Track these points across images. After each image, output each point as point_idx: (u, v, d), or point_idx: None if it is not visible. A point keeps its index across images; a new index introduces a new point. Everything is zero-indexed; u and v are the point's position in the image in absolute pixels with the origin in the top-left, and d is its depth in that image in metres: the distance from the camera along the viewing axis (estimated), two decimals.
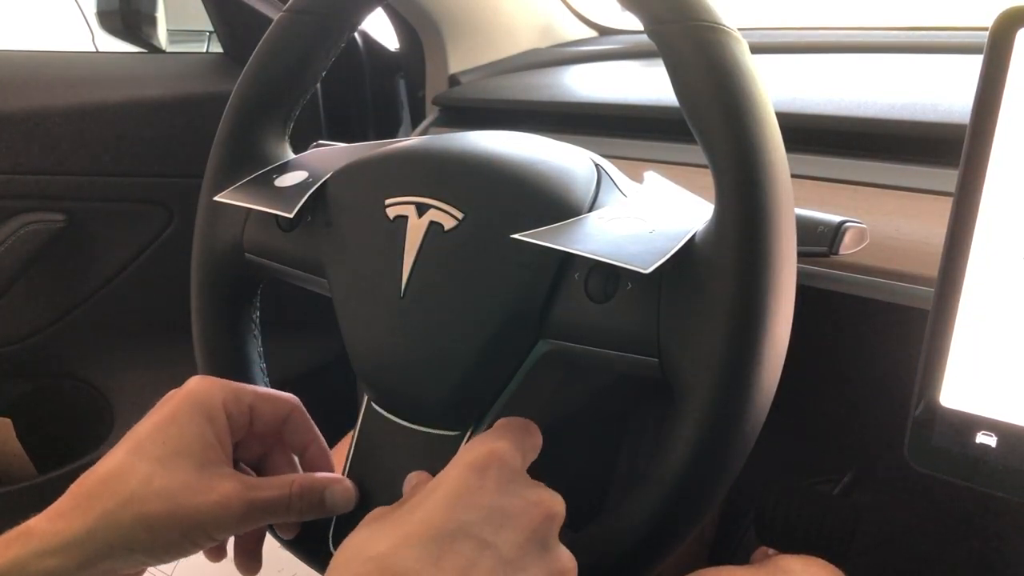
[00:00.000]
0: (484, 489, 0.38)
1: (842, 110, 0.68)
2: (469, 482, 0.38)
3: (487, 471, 0.39)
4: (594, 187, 0.50)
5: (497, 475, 0.39)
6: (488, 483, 0.38)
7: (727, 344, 0.41)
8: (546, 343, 0.47)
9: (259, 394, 0.47)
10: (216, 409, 0.44)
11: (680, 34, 0.42)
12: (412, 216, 0.49)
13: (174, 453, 0.42)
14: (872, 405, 0.66)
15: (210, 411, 0.44)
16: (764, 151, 0.41)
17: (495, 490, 0.38)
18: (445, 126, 0.99)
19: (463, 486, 0.38)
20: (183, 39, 1.60)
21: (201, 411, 0.44)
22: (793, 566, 0.54)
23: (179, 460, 0.42)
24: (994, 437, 0.42)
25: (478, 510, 0.37)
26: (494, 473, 0.39)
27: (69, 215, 1.03)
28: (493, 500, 0.38)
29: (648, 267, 0.41)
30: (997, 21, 0.41)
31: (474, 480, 0.38)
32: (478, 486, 0.38)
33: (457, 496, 0.37)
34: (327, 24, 0.56)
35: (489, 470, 0.39)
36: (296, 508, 0.45)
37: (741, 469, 0.44)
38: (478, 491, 0.38)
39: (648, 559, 0.44)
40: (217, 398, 0.45)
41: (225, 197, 0.56)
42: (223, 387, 0.45)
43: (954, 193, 0.43)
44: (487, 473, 0.39)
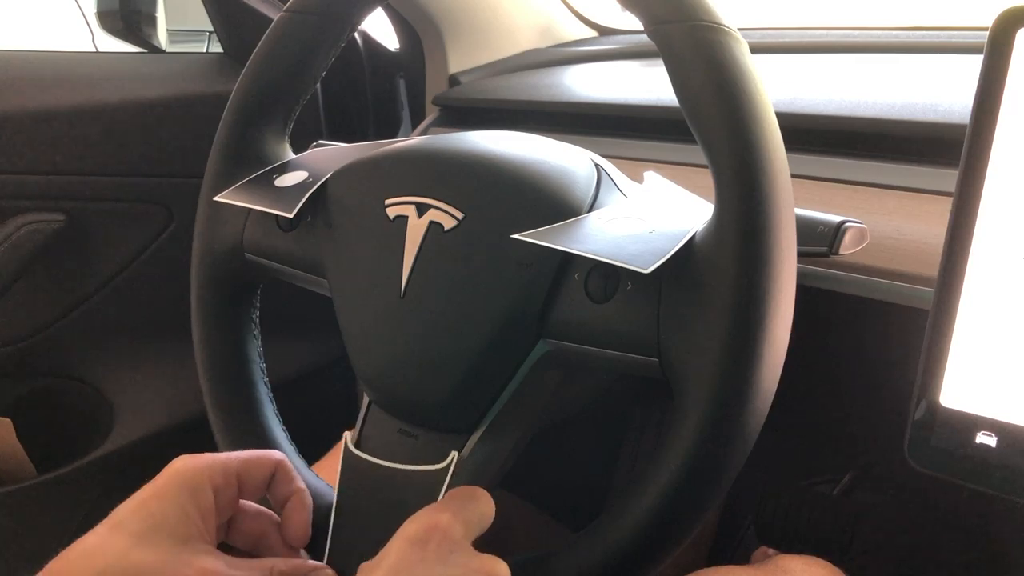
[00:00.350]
0: (424, 562, 0.39)
1: (842, 110, 0.68)
2: (410, 556, 0.39)
3: (427, 544, 0.40)
4: (594, 187, 0.50)
5: (437, 548, 0.40)
6: (428, 555, 0.39)
7: (727, 344, 0.41)
8: (546, 343, 0.47)
9: (244, 460, 0.46)
10: (201, 485, 0.43)
11: (680, 34, 0.42)
12: (412, 216, 0.49)
13: (152, 529, 0.40)
14: (872, 405, 0.66)
15: (195, 487, 0.43)
16: (764, 151, 0.41)
17: (435, 562, 0.39)
18: (445, 126, 0.99)
19: (403, 560, 0.39)
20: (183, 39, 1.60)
21: (185, 487, 0.42)
22: (793, 566, 0.54)
23: (157, 536, 0.40)
24: (994, 437, 0.42)
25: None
26: (434, 546, 0.40)
27: (69, 215, 1.03)
28: (433, 572, 0.39)
29: (648, 267, 0.41)
30: (997, 21, 0.41)
31: (414, 554, 0.39)
32: (419, 559, 0.39)
33: (397, 572, 0.38)
34: (327, 24, 0.56)
35: (429, 543, 0.40)
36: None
37: (741, 469, 0.44)
38: (419, 564, 0.39)
39: (648, 559, 0.44)
40: (203, 474, 0.43)
41: (225, 197, 0.56)
42: (210, 462, 0.44)
43: (954, 193, 0.43)
44: (427, 546, 0.40)
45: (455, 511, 0.42)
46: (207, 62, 1.15)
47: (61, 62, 1.08)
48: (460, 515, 0.42)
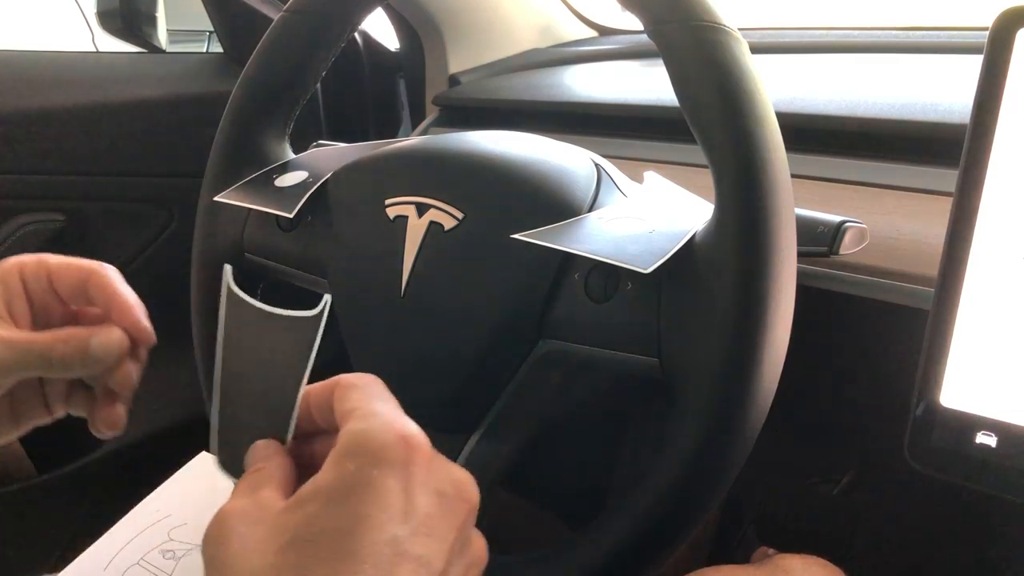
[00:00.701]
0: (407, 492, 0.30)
1: (842, 110, 0.68)
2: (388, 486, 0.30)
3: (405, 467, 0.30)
4: (594, 187, 0.50)
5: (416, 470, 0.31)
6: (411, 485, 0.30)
7: (727, 344, 0.41)
8: (546, 343, 0.47)
9: (62, 261, 0.46)
10: (9, 273, 0.44)
11: (680, 34, 0.42)
12: (412, 216, 0.49)
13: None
14: (872, 405, 0.66)
15: (2, 275, 0.44)
16: (764, 151, 0.41)
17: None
18: (445, 126, 0.99)
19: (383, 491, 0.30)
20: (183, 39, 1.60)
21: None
22: (793, 565, 0.53)
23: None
24: (994, 437, 0.42)
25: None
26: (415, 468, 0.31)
27: (69, 215, 1.03)
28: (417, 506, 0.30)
29: (648, 267, 0.41)
30: (997, 21, 0.41)
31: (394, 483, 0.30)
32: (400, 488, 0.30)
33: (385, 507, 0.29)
34: (327, 24, 0.56)
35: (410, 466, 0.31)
36: (60, 354, 0.42)
37: (741, 469, 0.44)
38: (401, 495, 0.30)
39: (648, 558, 0.44)
40: (13, 264, 0.45)
41: (225, 197, 0.56)
42: (25, 258, 0.45)
43: (954, 193, 0.43)
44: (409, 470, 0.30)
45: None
46: (207, 62, 1.15)
47: (61, 62, 1.08)
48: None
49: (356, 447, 0.30)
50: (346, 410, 0.33)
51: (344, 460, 0.30)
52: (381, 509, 0.29)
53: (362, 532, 0.28)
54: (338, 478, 0.29)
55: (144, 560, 0.53)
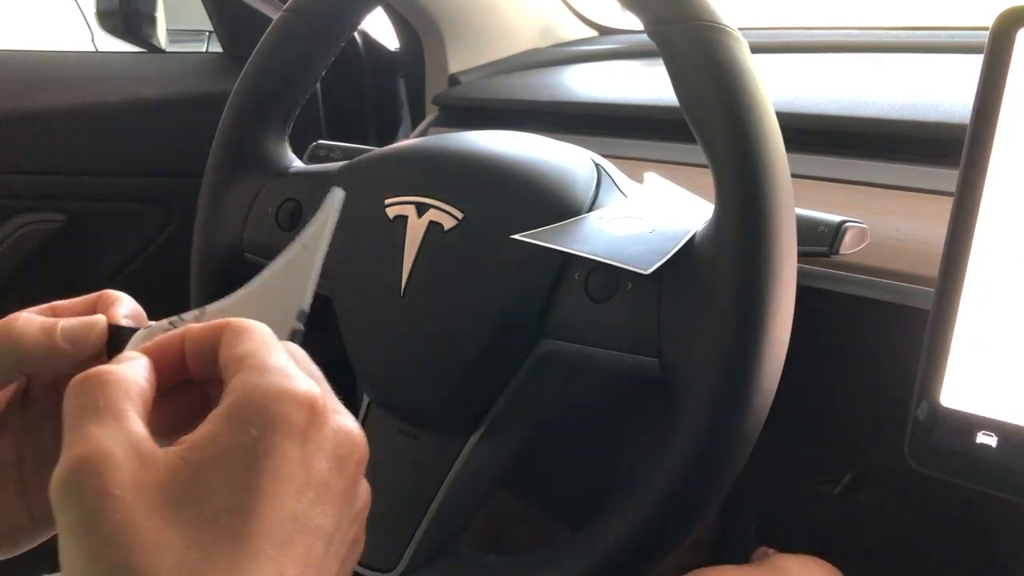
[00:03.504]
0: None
1: (842, 110, 0.68)
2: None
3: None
4: (594, 187, 0.50)
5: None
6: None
7: (727, 344, 0.41)
8: (546, 343, 0.47)
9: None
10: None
11: (680, 34, 0.42)
12: (412, 216, 0.49)
13: None
14: (872, 405, 0.66)
15: None
16: (764, 151, 0.41)
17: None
18: (445, 126, 0.99)
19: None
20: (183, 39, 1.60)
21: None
22: (790, 565, 0.53)
23: None
24: (994, 437, 0.42)
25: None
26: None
27: (69, 215, 1.03)
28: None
29: (648, 268, 0.41)
30: (997, 21, 0.41)
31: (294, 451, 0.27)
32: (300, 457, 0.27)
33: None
34: (327, 24, 0.56)
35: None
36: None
37: (741, 469, 0.44)
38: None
39: (648, 558, 0.44)
40: None
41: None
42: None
43: (954, 193, 0.43)
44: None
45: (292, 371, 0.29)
46: (207, 62, 1.15)
47: (61, 62, 1.08)
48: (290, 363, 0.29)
49: (256, 407, 0.27)
50: (236, 356, 0.29)
51: (243, 421, 0.26)
52: (283, 482, 0.26)
53: (264, 510, 0.25)
54: (238, 444, 0.26)
55: None
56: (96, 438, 0.25)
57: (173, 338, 0.31)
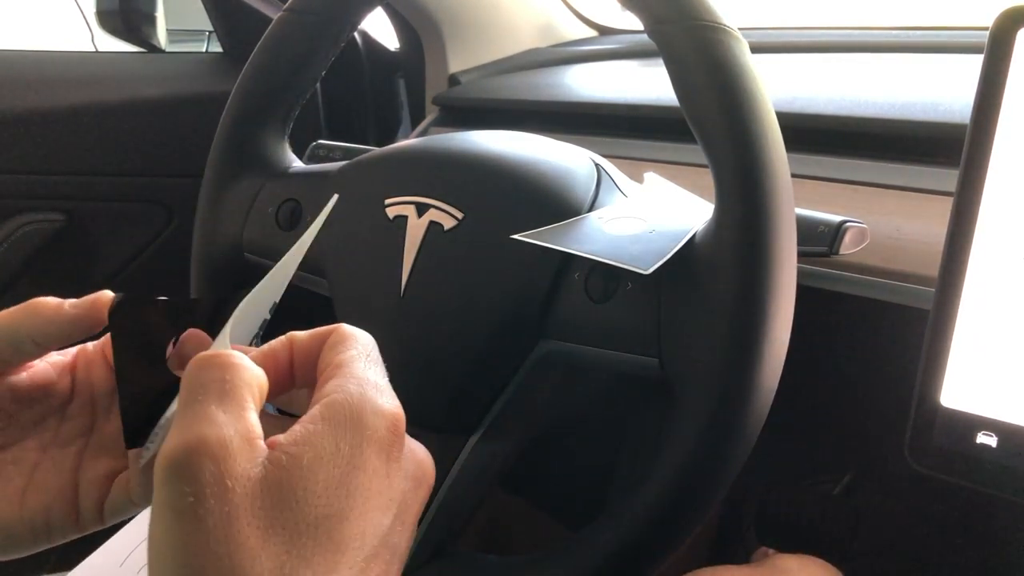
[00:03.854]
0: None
1: (842, 110, 0.68)
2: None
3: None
4: (594, 187, 0.50)
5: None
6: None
7: (727, 344, 0.41)
8: (546, 343, 0.47)
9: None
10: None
11: (681, 34, 0.42)
12: (412, 216, 0.49)
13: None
14: (872, 405, 0.66)
15: None
16: (764, 151, 0.41)
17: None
18: (445, 126, 0.99)
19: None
20: (183, 39, 1.60)
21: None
22: (790, 565, 0.54)
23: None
24: (994, 437, 0.42)
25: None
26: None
27: (69, 215, 1.03)
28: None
29: (648, 268, 0.41)
30: (997, 21, 0.41)
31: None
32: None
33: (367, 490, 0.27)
34: (327, 24, 0.56)
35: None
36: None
37: (741, 469, 0.44)
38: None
39: (648, 559, 0.44)
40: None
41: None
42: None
43: (954, 193, 0.43)
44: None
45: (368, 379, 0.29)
46: (207, 62, 1.15)
47: (61, 62, 1.08)
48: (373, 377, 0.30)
49: (349, 415, 0.27)
50: (336, 362, 0.29)
51: (338, 426, 0.27)
52: (372, 496, 0.26)
53: (358, 522, 0.26)
54: (335, 449, 0.26)
55: None
56: (219, 423, 0.25)
57: (282, 345, 0.32)
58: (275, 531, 0.24)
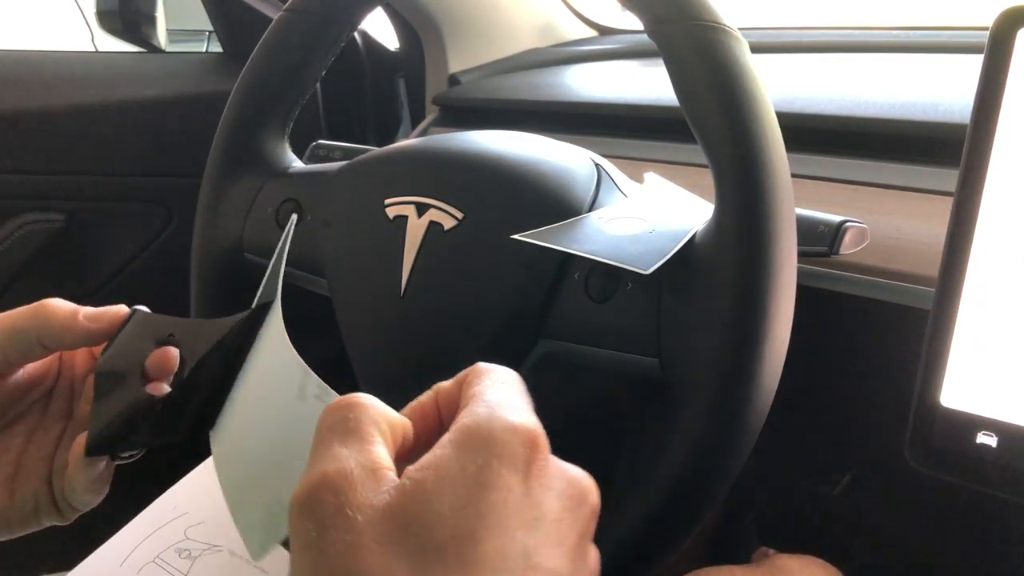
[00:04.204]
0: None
1: (842, 110, 0.68)
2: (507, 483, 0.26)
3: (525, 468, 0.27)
4: (594, 187, 0.50)
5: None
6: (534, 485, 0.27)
7: (727, 344, 0.41)
8: (546, 343, 0.47)
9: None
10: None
11: (681, 34, 0.42)
12: (412, 216, 0.49)
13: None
14: (872, 405, 0.66)
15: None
16: (764, 151, 0.41)
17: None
18: (445, 126, 0.99)
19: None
20: (183, 39, 1.60)
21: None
22: (790, 565, 0.53)
23: None
24: (994, 437, 0.42)
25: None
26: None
27: (69, 215, 1.03)
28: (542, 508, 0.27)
29: (648, 268, 0.41)
30: (997, 21, 0.41)
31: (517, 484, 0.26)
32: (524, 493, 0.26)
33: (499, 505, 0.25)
34: (327, 24, 0.56)
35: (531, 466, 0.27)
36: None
37: (741, 469, 0.44)
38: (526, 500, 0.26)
39: (648, 559, 0.44)
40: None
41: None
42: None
43: (954, 193, 0.43)
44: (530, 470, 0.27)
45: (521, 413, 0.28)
46: (207, 62, 1.15)
47: (61, 62, 1.08)
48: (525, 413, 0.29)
49: (479, 436, 0.26)
50: (470, 394, 0.29)
51: (467, 448, 0.26)
52: (510, 515, 0.25)
53: (493, 542, 0.24)
54: (461, 469, 0.25)
55: (160, 558, 0.53)
56: (340, 458, 0.26)
57: (428, 397, 0.32)
58: (402, 556, 0.24)
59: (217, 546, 0.33)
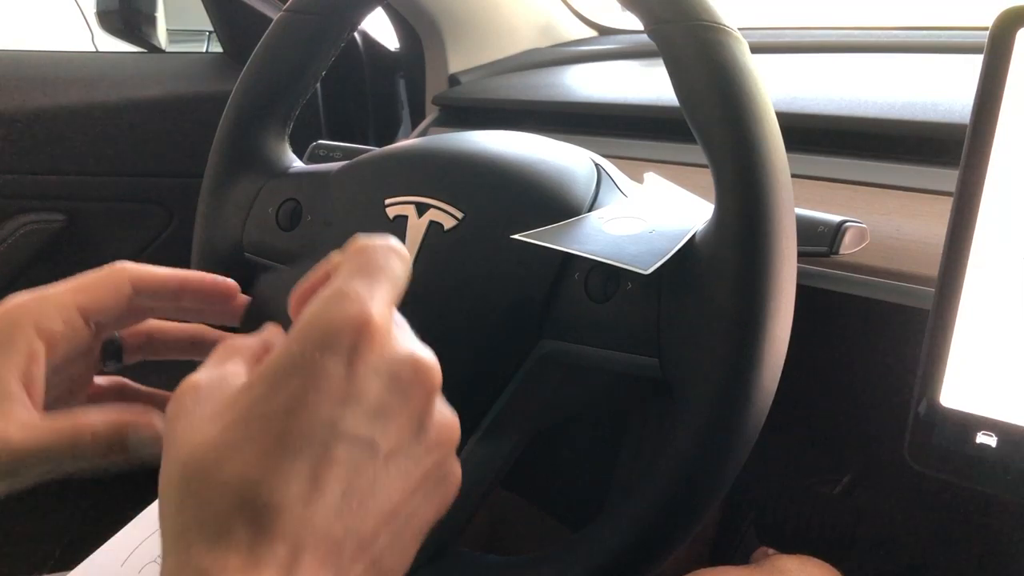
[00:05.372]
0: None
1: (842, 110, 0.68)
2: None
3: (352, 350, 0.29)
4: (594, 187, 0.50)
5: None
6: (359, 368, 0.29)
7: (727, 344, 0.41)
8: (546, 343, 0.47)
9: (82, 289, 0.43)
10: (19, 331, 0.40)
11: (680, 34, 0.42)
12: (412, 216, 0.49)
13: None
14: (872, 405, 0.66)
15: (11, 336, 0.39)
16: (764, 151, 0.41)
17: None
18: (445, 126, 0.99)
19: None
20: (183, 39, 1.60)
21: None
22: (789, 565, 0.54)
23: None
24: (994, 437, 0.42)
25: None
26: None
27: (69, 215, 1.03)
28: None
29: (648, 268, 0.41)
30: (997, 21, 0.41)
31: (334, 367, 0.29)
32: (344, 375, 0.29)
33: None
34: (327, 24, 0.56)
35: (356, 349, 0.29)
36: (88, 451, 0.37)
37: (741, 469, 0.44)
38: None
39: (648, 559, 0.44)
40: (25, 320, 0.40)
41: None
42: (38, 304, 0.41)
43: (954, 193, 0.43)
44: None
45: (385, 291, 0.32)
46: (207, 62, 1.15)
47: (61, 62, 1.08)
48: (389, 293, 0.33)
49: (306, 329, 0.29)
50: (328, 284, 0.32)
51: (292, 342, 0.29)
52: (318, 391, 0.28)
53: (298, 413, 0.28)
54: (282, 358, 0.29)
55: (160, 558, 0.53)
56: (198, 374, 0.32)
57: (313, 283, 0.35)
58: (231, 429, 0.28)
59: None
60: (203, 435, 0.28)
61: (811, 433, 0.77)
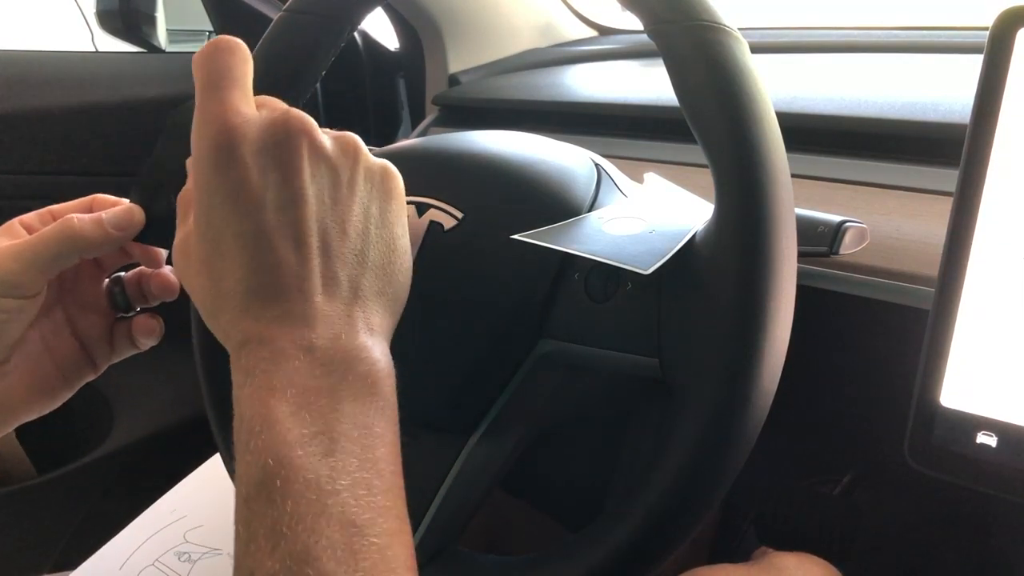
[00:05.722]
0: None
1: (842, 110, 0.68)
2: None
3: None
4: (594, 187, 0.50)
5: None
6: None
7: (727, 344, 0.41)
8: (546, 343, 0.47)
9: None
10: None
11: (680, 34, 0.42)
12: (412, 216, 0.49)
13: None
14: (872, 405, 0.66)
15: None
16: (764, 151, 0.41)
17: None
18: (445, 126, 0.99)
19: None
20: (183, 39, 1.60)
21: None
22: (788, 563, 0.54)
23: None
24: (994, 437, 0.42)
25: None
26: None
27: None
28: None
29: (648, 268, 0.41)
30: (997, 21, 0.41)
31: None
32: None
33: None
34: (326, 24, 0.56)
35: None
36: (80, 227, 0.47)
37: (741, 469, 0.44)
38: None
39: (648, 559, 0.44)
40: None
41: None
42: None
43: (954, 193, 0.43)
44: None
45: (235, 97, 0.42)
46: None
47: (61, 62, 1.08)
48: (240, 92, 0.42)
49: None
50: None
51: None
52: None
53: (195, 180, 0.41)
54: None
55: (159, 562, 0.53)
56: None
57: None
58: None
59: (217, 550, 0.34)
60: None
61: (811, 433, 0.77)
